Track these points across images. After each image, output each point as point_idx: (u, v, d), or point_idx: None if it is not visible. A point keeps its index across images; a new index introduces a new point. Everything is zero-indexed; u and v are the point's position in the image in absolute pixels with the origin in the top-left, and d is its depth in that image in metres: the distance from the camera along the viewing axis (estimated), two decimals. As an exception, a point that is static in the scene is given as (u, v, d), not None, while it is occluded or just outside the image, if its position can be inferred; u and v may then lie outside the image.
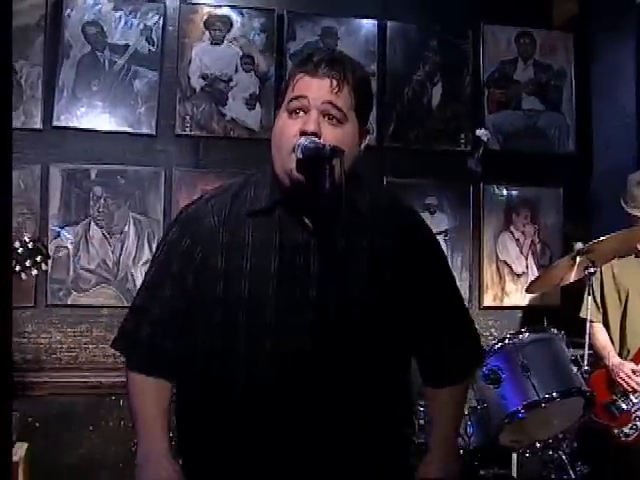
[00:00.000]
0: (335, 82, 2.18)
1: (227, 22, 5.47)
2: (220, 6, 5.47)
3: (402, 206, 2.46)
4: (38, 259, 3.73)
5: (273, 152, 2.24)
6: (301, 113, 2.18)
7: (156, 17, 5.32)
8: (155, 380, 2.33)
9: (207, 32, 5.42)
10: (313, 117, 2.15)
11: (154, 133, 5.26)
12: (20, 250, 3.67)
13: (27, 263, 3.67)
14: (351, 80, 2.21)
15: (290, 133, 2.17)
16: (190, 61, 5.36)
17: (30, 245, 3.71)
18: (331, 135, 2.15)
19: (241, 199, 2.29)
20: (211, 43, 5.43)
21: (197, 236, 2.26)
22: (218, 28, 5.44)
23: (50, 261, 4.77)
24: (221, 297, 2.21)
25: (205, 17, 5.43)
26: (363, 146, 2.32)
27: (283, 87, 2.29)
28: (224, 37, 5.45)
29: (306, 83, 2.18)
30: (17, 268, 3.66)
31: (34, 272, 3.75)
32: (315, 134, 2.13)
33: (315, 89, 2.17)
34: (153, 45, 5.31)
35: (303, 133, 2.13)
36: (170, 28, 5.38)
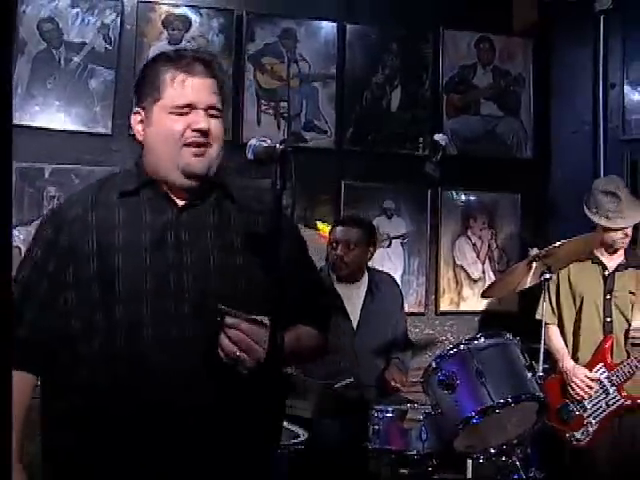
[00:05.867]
0: (214, 82, 2.36)
1: (185, 22, 5.42)
2: (178, 5, 5.43)
3: (263, 190, 2.55)
4: None
5: (157, 149, 2.35)
6: (186, 109, 2.32)
7: (113, 15, 5.27)
8: (21, 374, 2.27)
9: (165, 31, 5.37)
10: (202, 115, 2.32)
11: (110, 132, 5.20)
12: None
13: None
14: (220, 77, 2.41)
15: (178, 130, 2.31)
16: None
17: None
18: (214, 127, 2.34)
19: (108, 187, 2.41)
20: (169, 42, 5.37)
21: (60, 225, 2.33)
22: (176, 27, 5.40)
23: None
24: (95, 274, 2.26)
25: (163, 16, 5.38)
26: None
27: (150, 80, 2.37)
28: (182, 37, 5.41)
29: (190, 86, 2.32)
30: None
31: None
32: (207, 131, 2.30)
33: (199, 91, 2.33)
34: (110, 43, 5.25)
35: (196, 130, 2.29)
36: (128, 27, 5.32)
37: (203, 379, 2.22)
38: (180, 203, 2.37)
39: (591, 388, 4.50)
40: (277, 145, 2.19)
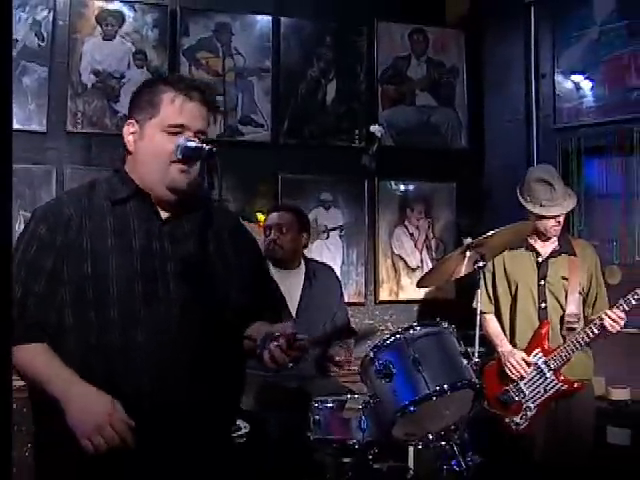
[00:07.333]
0: (206, 110, 2.55)
1: (119, 17, 5.40)
2: (112, 0, 5.40)
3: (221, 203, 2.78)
4: None
5: (147, 162, 2.53)
6: (178, 129, 2.48)
7: (46, 11, 5.22)
8: (42, 344, 2.42)
9: (99, 27, 5.35)
10: (191, 138, 2.46)
11: (45, 130, 5.16)
12: None
13: None
14: (212, 106, 2.62)
15: (170, 148, 2.46)
16: (81, 57, 5.29)
17: None
18: None
19: (98, 192, 2.57)
20: (103, 38, 5.36)
21: (54, 225, 2.48)
22: (110, 23, 5.37)
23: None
24: (90, 275, 2.43)
25: (96, 12, 5.35)
26: None
27: (148, 98, 2.55)
28: (116, 32, 5.39)
29: (187, 110, 2.50)
30: None
31: None
32: None
33: (194, 116, 2.50)
34: (43, 40, 5.20)
35: None
36: (60, 23, 5.28)
37: (188, 377, 2.42)
38: (164, 215, 2.56)
39: (525, 370, 4.58)
40: (204, 145, 2.32)
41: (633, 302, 4.34)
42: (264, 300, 2.80)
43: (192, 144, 2.36)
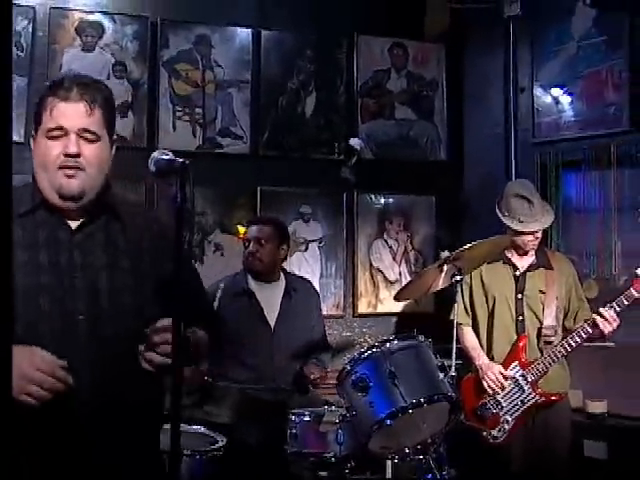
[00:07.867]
0: (87, 105, 2.45)
1: (99, 28, 5.39)
2: (92, 12, 5.39)
3: (144, 209, 2.74)
4: None
5: (38, 171, 2.48)
6: (57, 132, 2.44)
7: (25, 22, 5.20)
8: None
9: (78, 38, 5.33)
10: (73, 140, 2.43)
11: (22, 141, 5.10)
12: None
13: None
14: (100, 101, 2.49)
15: (53, 155, 2.42)
16: (60, 67, 5.27)
17: None
18: (89, 152, 2.46)
19: None
20: (82, 49, 5.34)
21: None
22: (89, 34, 5.36)
23: None
24: None
25: (76, 23, 5.33)
26: (112, 153, 2.61)
27: (37, 109, 2.51)
28: (96, 43, 5.37)
29: (61, 111, 2.43)
30: None
31: None
32: (77, 155, 2.42)
33: (70, 115, 2.44)
34: (22, 51, 5.18)
35: (66, 155, 2.41)
36: (40, 33, 5.26)
37: (98, 392, 2.36)
38: (73, 225, 2.51)
39: (503, 384, 4.58)
40: (177, 159, 2.27)
41: (625, 302, 4.36)
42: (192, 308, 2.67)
43: (164, 157, 2.31)
